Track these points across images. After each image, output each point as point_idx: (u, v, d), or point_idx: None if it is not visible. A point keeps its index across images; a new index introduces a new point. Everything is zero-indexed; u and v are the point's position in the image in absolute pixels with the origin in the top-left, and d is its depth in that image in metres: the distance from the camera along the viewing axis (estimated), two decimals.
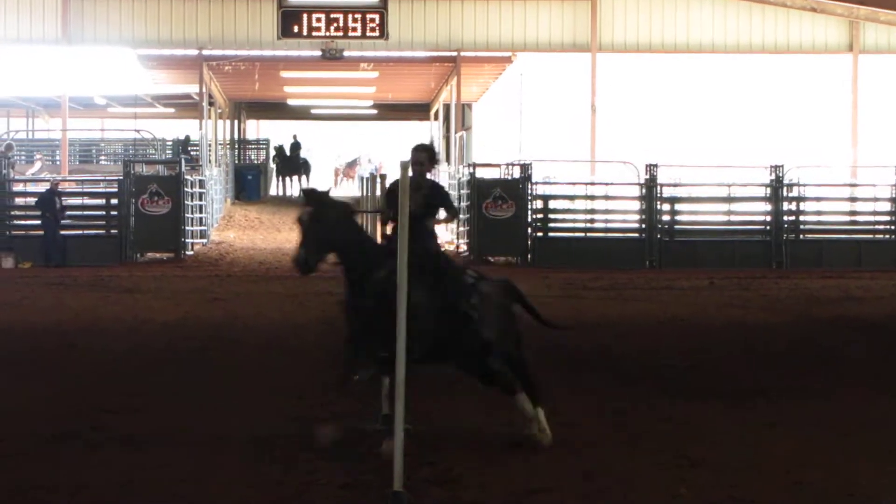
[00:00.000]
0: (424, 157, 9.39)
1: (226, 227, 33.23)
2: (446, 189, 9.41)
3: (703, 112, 35.17)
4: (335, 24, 31.78)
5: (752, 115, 35.12)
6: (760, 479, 8.14)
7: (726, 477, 8.14)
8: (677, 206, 27.43)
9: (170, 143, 44.48)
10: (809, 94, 35.22)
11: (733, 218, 28.25)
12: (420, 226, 8.75)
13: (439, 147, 38.89)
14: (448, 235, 31.23)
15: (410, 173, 8.46)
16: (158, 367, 13.12)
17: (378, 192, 12.19)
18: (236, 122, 49.57)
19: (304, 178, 48.29)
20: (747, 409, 10.62)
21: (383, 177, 12.22)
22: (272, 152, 49.46)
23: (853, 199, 29.13)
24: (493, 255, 26.67)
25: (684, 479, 8.02)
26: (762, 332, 16.30)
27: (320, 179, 50.40)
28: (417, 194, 8.80)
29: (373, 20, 31.69)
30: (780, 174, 27.63)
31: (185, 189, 28.26)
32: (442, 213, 9.63)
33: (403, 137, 55.00)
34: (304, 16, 31.86)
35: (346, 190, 48.71)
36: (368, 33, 31.89)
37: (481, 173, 28.33)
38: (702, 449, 8.92)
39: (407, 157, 9.02)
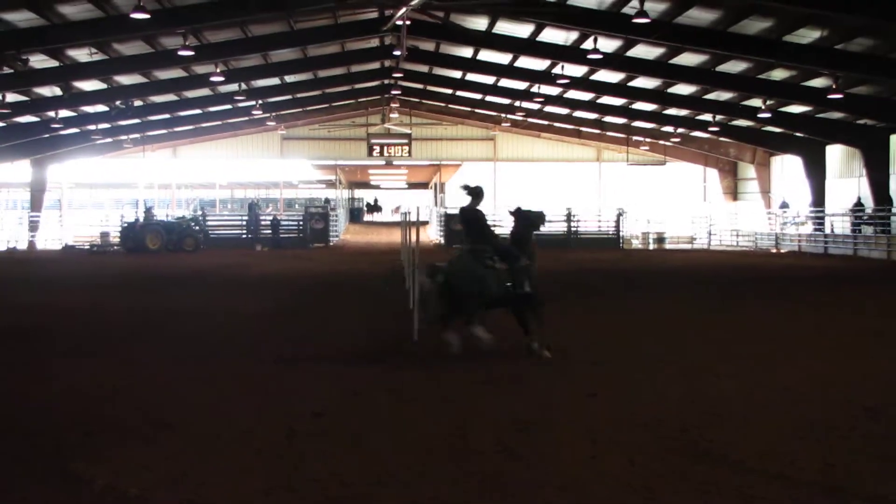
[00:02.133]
0: (466, 193, 6.95)
1: (345, 234, 32.68)
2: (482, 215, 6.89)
3: (549, 188, 35.08)
4: (389, 151, 31.55)
5: (563, 189, 34.85)
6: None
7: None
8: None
9: (323, 198, 43.81)
10: (579, 179, 35.14)
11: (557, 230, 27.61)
12: (489, 233, 6.77)
13: (438, 196, 38.00)
14: (436, 237, 30.67)
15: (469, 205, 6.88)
16: (315, 289, 12.38)
17: (406, 219, 11.68)
18: (350, 190, 48.81)
19: (379, 213, 47.90)
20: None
21: (408, 212, 11.45)
22: (364, 203, 48.82)
23: (599, 222, 28.56)
24: (454, 245, 25.99)
25: None
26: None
27: (385, 215, 49.70)
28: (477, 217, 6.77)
29: (405, 149, 31.50)
30: (571, 213, 27.23)
31: (329, 218, 27.82)
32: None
33: (418, 196, 54.59)
34: (378, 146, 31.59)
35: (395, 218, 48.26)
36: (403, 154, 31.59)
37: (448, 211, 27.61)
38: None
39: (416, 206, 8.20)
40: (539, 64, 21.76)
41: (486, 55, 22.05)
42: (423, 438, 4.11)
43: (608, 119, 29.38)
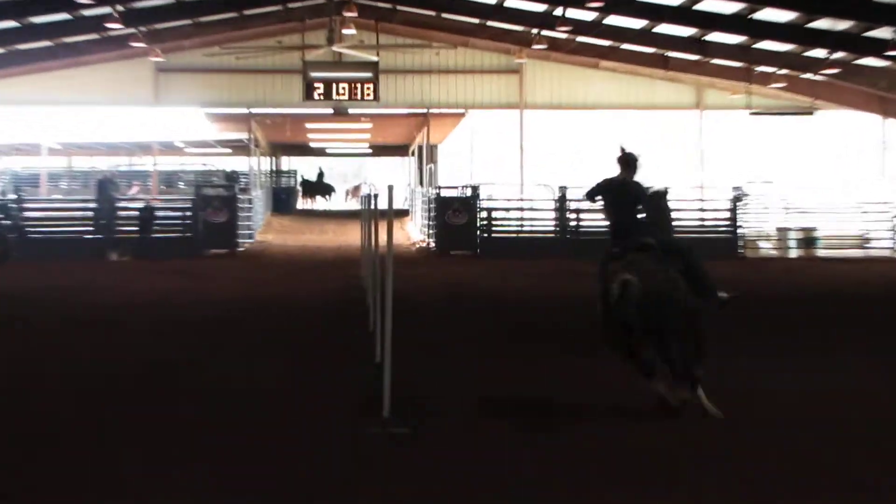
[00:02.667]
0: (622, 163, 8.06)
1: (265, 232, 32.95)
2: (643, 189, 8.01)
3: (598, 150, 35.20)
4: (343, 90, 31.64)
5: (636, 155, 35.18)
6: None
7: None
8: (582, 216, 27.27)
9: (228, 172, 44.20)
10: (670, 137, 35.49)
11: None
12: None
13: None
14: (420, 236, 31.19)
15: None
16: (210, 341, 12.90)
17: (372, 206, 12.12)
18: (273, 158, 49.29)
19: (328, 197, 48.29)
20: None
21: (376, 195, 12.05)
22: (299, 180, 49.23)
23: (703, 210, 28.91)
24: (454, 250, 26.54)
25: None
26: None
27: (336, 199, 50.25)
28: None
29: (368, 88, 31.56)
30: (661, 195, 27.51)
31: (238, 205, 27.94)
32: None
33: (390, 169, 54.91)
34: (321, 84, 31.69)
35: (352, 205, 48.54)
36: (366, 97, 31.75)
37: (445, 193, 28.13)
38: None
39: (388, 184, 8.69)
40: None
41: None
42: None
43: (715, 37, 29.28)
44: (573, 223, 27.20)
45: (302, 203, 47.97)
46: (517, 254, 25.38)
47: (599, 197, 8.05)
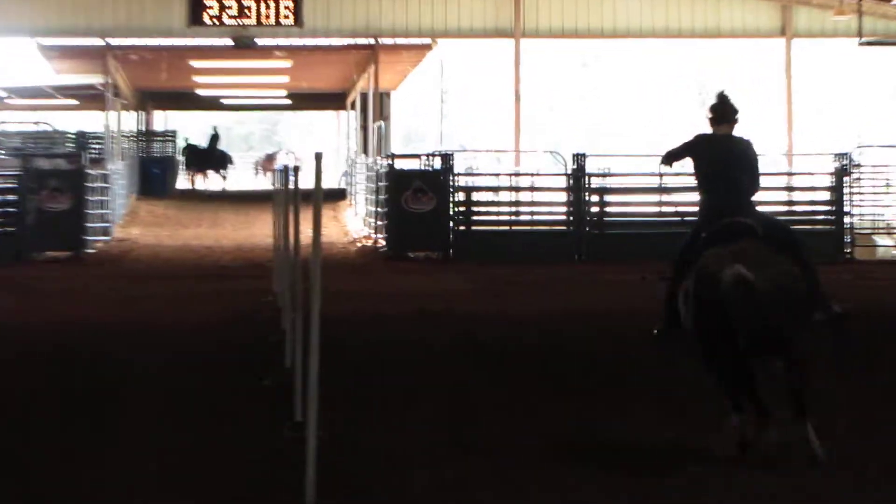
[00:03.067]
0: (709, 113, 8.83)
1: (130, 224, 32.81)
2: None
3: (633, 99, 35.36)
4: (247, 12, 31.44)
5: (683, 102, 35.31)
6: None
7: None
8: (606, 198, 27.24)
9: (72, 135, 43.92)
10: (742, 79, 35.50)
11: (666, 209, 28.18)
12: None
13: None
14: (363, 229, 31.08)
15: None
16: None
17: (291, 185, 11.94)
18: (143, 113, 49.13)
19: (221, 172, 48.11)
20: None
21: (297, 168, 11.90)
22: (180, 145, 49.09)
23: (790, 189, 28.99)
24: (413, 251, 26.43)
25: None
26: None
27: (234, 173, 50.14)
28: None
29: (287, 7, 31.45)
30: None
31: (88, 184, 27.76)
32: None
33: (319, 129, 54.72)
34: (215, 2, 31.46)
35: (263, 184, 48.58)
36: (282, 20, 31.64)
37: (400, 164, 28.09)
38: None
39: (317, 149, 8.75)
40: None
41: None
42: None
43: None
44: (594, 209, 27.17)
45: (185, 181, 47.86)
46: (510, 256, 25.38)
47: (681, 161, 8.74)
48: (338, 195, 37.19)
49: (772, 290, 7.69)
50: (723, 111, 8.62)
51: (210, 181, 48.21)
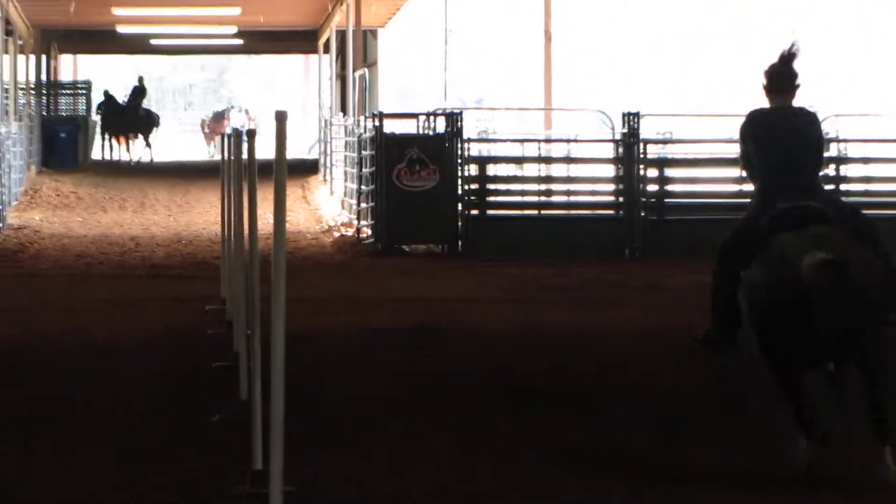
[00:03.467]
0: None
1: (29, 207, 32.88)
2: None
3: (699, 45, 35.51)
4: None
5: (763, 50, 35.39)
6: None
7: None
8: (668, 172, 27.26)
9: None
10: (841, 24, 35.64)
11: (746, 188, 28.19)
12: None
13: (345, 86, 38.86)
14: (342, 214, 31.05)
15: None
16: None
17: (245, 153, 11.83)
18: (45, 58, 49.15)
19: (146, 136, 48.11)
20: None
21: (252, 132, 11.83)
22: (97, 100, 49.17)
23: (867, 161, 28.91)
24: (410, 243, 26.47)
25: None
26: None
27: (168, 138, 50.16)
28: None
29: None
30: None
31: None
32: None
33: (280, 80, 54.83)
34: None
35: (209, 153, 48.68)
36: None
37: (391, 127, 28.13)
38: None
39: (281, 105, 8.79)
40: None
41: None
42: None
43: None
44: (652, 187, 27.19)
45: (104, 149, 47.85)
46: (537, 251, 25.52)
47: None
48: (308, 168, 37.29)
49: (864, 281, 8.23)
50: (779, 78, 9.28)
51: (134, 149, 48.17)
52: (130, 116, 48.35)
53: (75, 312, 19.16)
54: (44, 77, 48.56)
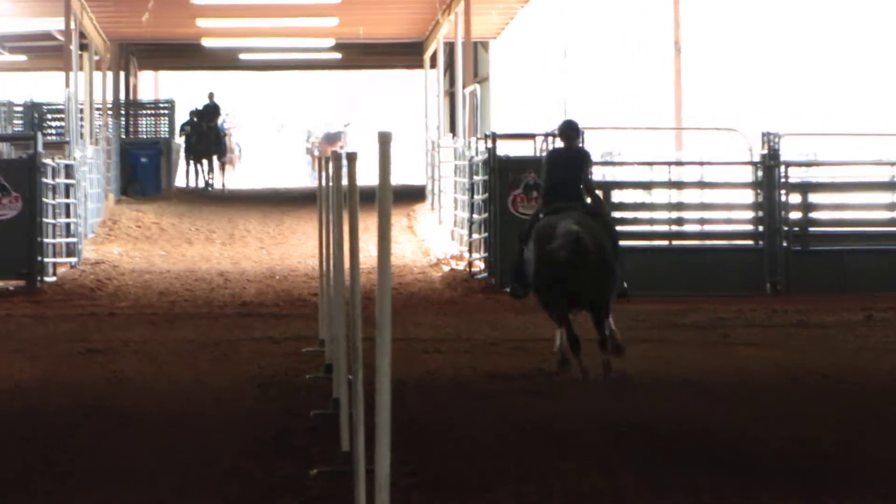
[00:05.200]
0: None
1: (107, 239, 33.14)
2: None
3: (842, 58, 35.29)
4: None
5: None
6: None
7: None
8: (813, 198, 27.09)
9: (19, 107, 44.36)
10: None
11: None
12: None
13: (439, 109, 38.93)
14: (453, 246, 31.03)
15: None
16: None
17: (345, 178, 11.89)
18: (123, 74, 49.53)
19: (220, 159, 48.32)
20: None
21: (353, 155, 11.88)
22: (183, 119, 49.47)
23: None
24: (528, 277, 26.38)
25: None
26: None
27: (258, 163, 50.37)
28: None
29: None
30: None
31: (44, 179, 28.06)
32: None
33: (386, 97, 54.97)
34: None
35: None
36: None
37: (505, 149, 28.15)
38: None
39: (381, 126, 8.85)
40: None
41: None
42: None
43: None
44: (795, 214, 27.05)
45: (189, 175, 48.13)
46: (669, 285, 25.85)
47: None
48: (414, 195, 37.30)
49: (594, 248, 15.64)
50: (566, 131, 16.01)
51: (221, 174, 48.42)
52: (212, 138, 48.59)
53: (158, 355, 19.29)
54: (122, 96, 48.87)
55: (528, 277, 16.53)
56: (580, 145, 19.16)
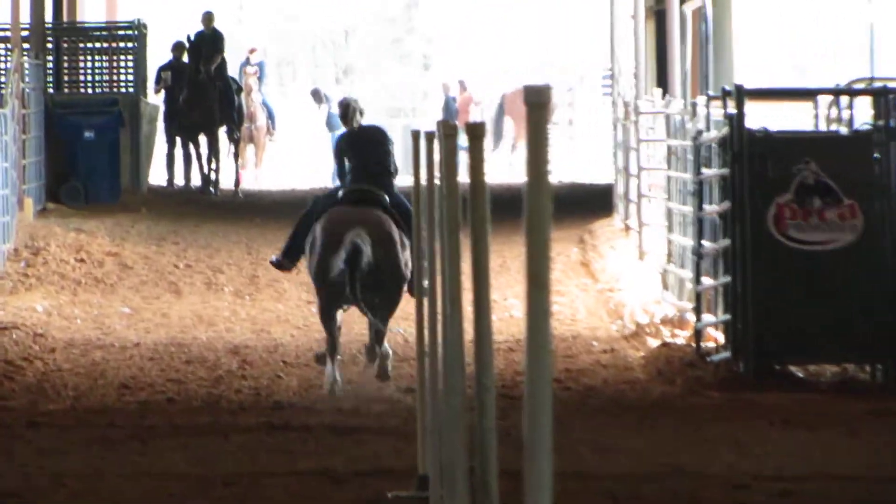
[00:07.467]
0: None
1: (21, 284, 33.55)
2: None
3: None
4: None
5: None
6: None
7: None
8: None
9: None
10: None
11: None
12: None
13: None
14: (667, 301, 31.00)
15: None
16: None
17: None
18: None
19: (225, 138, 48.70)
20: None
21: (451, 128, 12.18)
22: (162, 60, 50.02)
23: None
24: (805, 360, 26.37)
25: None
26: None
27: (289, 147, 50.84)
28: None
29: None
30: None
31: None
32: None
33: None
34: None
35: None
36: None
37: (759, 117, 28.03)
38: None
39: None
40: None
41: None
42: None
43: None
44: None
45: (173, 163, 48.69)
46: None
47: None
48: (592, 202, 37.71)
49: (379, 261, 25.90)
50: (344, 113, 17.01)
51: (240, 163, 49.03)
52: (214, 96, 48.86)
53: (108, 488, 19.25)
54: (49, 15, 49.41)
55: (304, 252, 25.63)
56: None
